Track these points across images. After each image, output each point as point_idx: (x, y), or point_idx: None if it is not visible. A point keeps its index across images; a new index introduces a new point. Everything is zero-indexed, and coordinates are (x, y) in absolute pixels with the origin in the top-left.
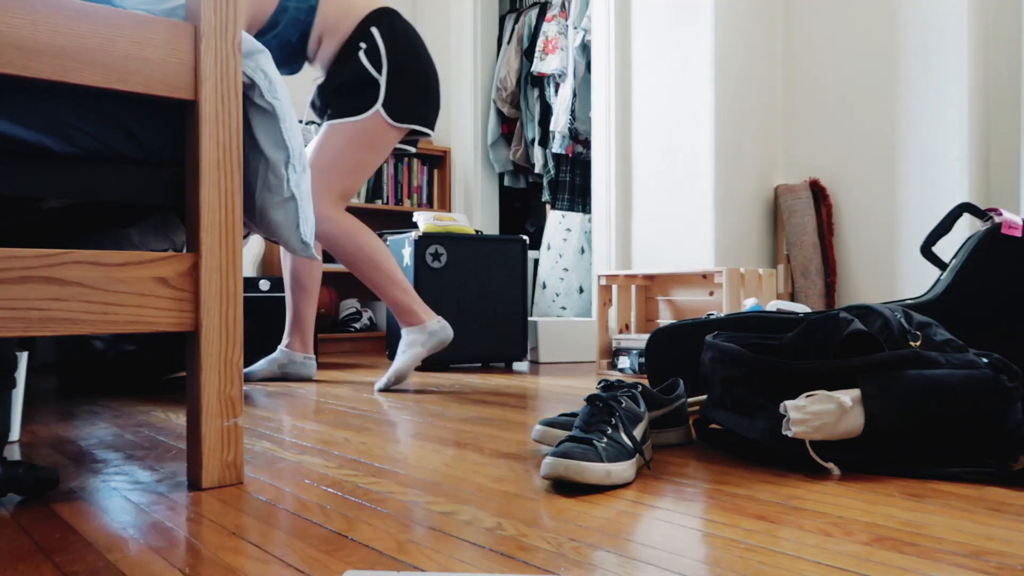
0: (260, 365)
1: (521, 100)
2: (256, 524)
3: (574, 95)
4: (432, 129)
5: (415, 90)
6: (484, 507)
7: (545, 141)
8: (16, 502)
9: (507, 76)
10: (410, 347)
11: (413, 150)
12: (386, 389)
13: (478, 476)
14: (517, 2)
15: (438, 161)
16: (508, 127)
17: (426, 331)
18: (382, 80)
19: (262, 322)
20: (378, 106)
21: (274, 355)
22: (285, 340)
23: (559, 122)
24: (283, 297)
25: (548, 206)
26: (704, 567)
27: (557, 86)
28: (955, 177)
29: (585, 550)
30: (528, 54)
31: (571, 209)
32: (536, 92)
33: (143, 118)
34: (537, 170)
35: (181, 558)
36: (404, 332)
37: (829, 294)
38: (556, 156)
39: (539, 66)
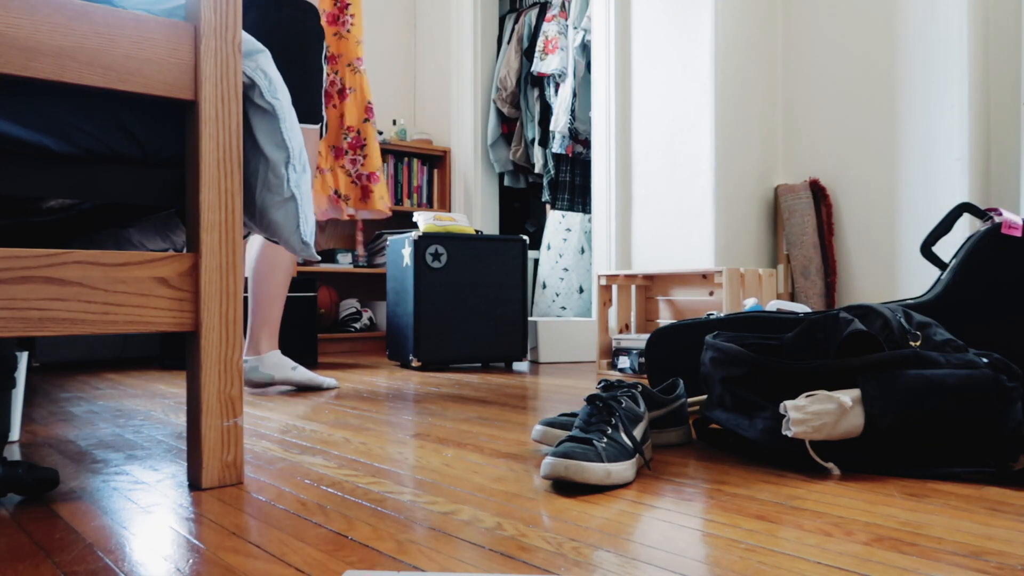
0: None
1: (521, 100)
2: (256, 524)
3: (574, 95)
4: None
5: None
6: (484, 507)
7: (545, 141)
8: (16, 502)
9: (507, 76)
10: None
11: None
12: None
13: (478, 476)
14: (517, 2)
15: (438, 161)
16: (508, 127)
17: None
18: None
19: None
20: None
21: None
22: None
23: (559, 122)
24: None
25: (548, 206)
26: (704, 567)
27: (557, 86)
28: (955, 177)
29: (585, 550)
30: (528, 54)
31: (571, 209)
32: (536, 92)
33: (143, 118)
34: (537, 170)
35: (181, 558)
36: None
37: (829, 294)
38: (556, 156)
39: (539, 66)
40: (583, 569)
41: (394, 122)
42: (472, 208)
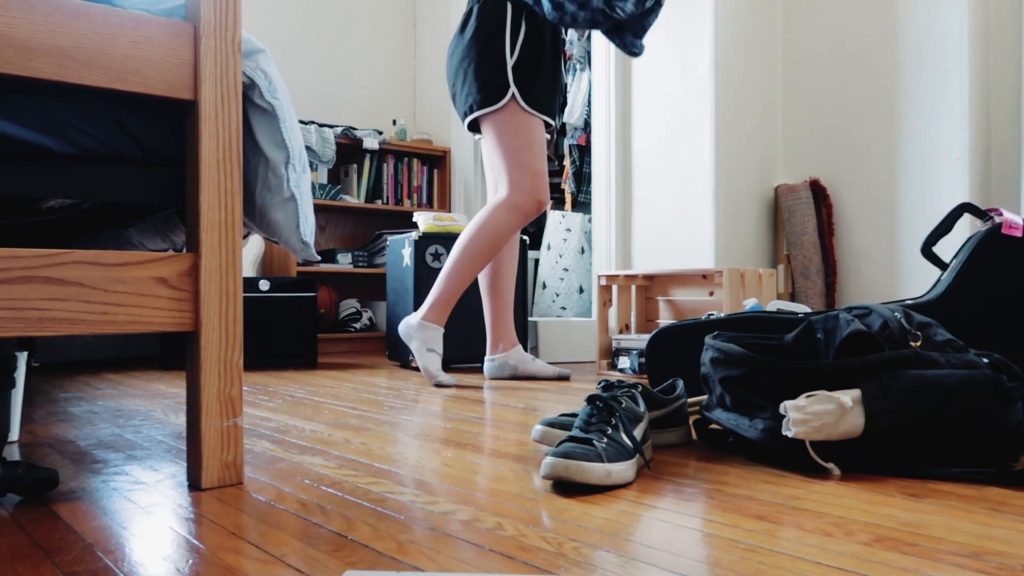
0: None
1: None
2: (256, 524)
3: (590, 85)
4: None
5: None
6: (484, 507)
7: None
8: (16, 502)
9: None
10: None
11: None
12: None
13: (478, 476)
14: None
15: (438, 161)
16: None
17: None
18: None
19: (262, 322)
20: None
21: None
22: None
23: (574, 113)
24: (282, 297)
25: (571, 196)
26: (704, 567)
27: (577, 72)
28: (955, 177)
29: (585, 550)
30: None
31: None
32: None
33: (143, 118)
34: (565, 162)
35: (181, 558)
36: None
37: (829, 294)
38: (579, 147)
39: (568, 48)
40: (583, 569)
41: (394, 122)
42: (472, 208)
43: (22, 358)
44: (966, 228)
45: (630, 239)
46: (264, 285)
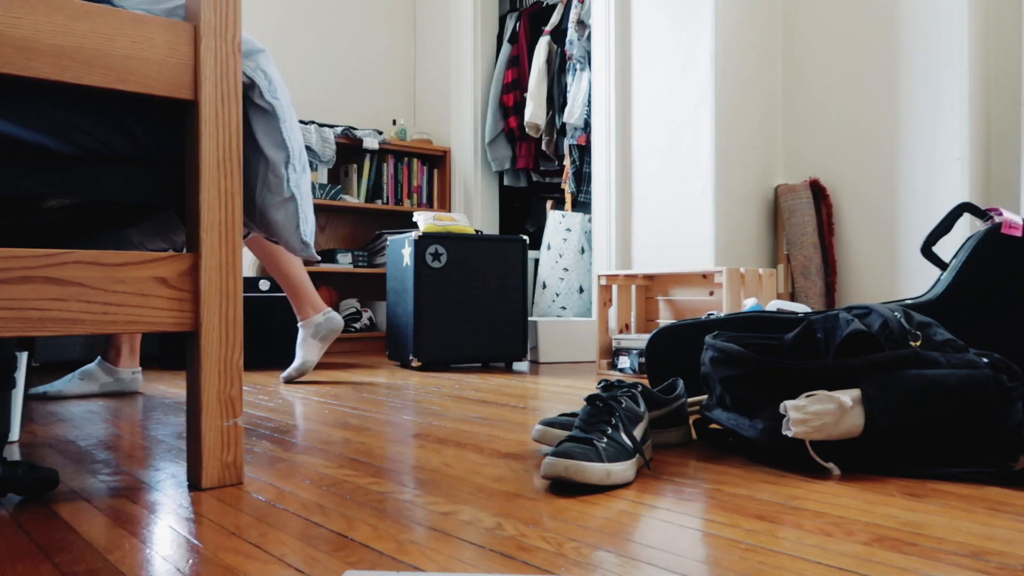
0: (71, 382)
1: (555, 89)
2: (256, 524)
3: (591, 85)
4: None
5: None
6: (484, 507)
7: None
8: (16, 502)
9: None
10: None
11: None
12: (290, 381)
13: (478, 476)
14: (517, 2)
15: (438, 161)
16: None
17: (312, 324)
18: None
19: (262, 322)
20: None
21: (90, 368)
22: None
23: (574, 113)
24: (282, 297)
25: (552, 203)
26: (704, 567)
27: (576, 72)
28: (955, 177)
29: (585, 550)
30: (557, 37)
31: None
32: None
33: (143, 118)
34: (565, 162)
35: (181, 558)
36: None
37: (829, 294)
38: (579, 147)
39: (568, 47)
40: (583, 569)
41: (394, 122)
42: (472, 208)
43: (22, 358)
44: (966, 228)
45: (630, 239)
46: (264, 285)
